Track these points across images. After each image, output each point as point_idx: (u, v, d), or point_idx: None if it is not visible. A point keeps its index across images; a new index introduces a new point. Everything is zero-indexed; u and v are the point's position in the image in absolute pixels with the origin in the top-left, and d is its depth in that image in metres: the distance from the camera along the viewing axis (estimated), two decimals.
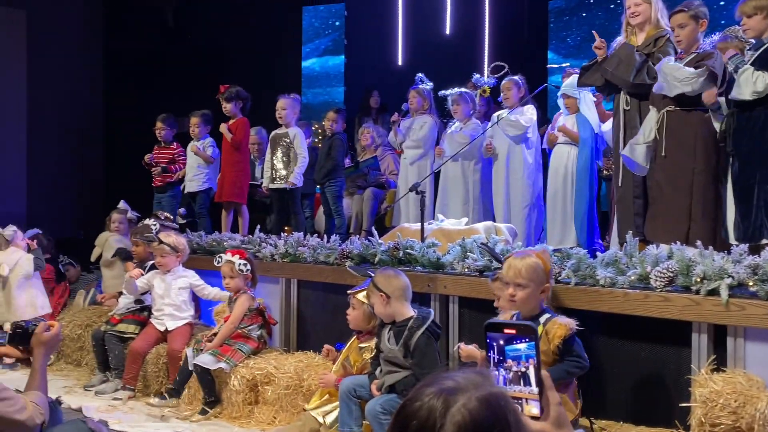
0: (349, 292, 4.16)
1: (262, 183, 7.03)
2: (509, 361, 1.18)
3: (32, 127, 10.61)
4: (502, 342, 1.19)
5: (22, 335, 2.89)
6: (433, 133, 6.78)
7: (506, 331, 1.19)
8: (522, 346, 1.17)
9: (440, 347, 4.03)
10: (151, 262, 5.55)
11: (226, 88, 6.74)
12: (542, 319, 3.25)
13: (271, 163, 6.62)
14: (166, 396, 4.88)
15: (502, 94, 6.45)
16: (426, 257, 4.40)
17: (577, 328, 3.17)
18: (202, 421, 4.58)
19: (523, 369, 1.17)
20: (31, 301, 6.03)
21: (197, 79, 9.22)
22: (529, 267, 3.22)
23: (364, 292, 3.98)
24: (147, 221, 5.96)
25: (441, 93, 6.80)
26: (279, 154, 6.58)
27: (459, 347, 3.48)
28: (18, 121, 10.52)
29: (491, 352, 1.20)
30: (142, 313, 5.58)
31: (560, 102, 6.16)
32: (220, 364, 4.67)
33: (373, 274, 3.91)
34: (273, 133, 6.73)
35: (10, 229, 6.20)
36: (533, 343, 1.18)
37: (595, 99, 6.06)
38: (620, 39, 4.70)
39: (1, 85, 10.29)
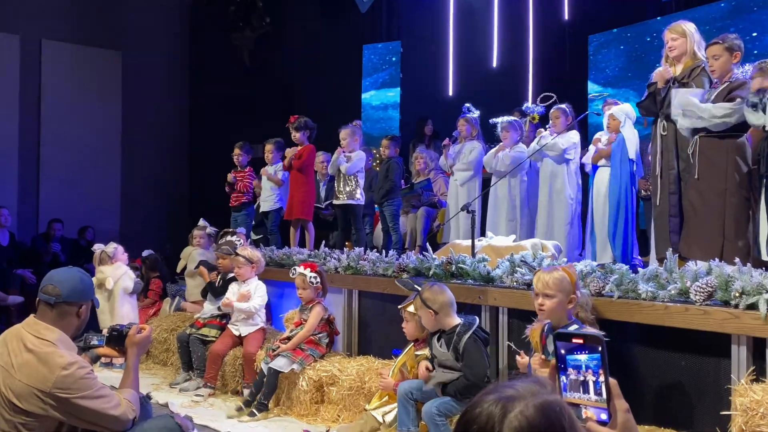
0: (400, 306, 4.12)
1: (325, 204, 7.09)
2: (570, 369, 1.15)
3: (126, 155, 10.97)
4: (563, 351, 1.16)
5: (117, 337, 2.95)
6: (480, 158, 6.74)
7: (574, 340, 1.16)
8: (583, 357, 1.14)
9: (491, 353, 3.98)
10: (232, 274, 5.63)
11: (295, 119, 6.82)
12: (570, 328, 3.17)
13: (336, 182, 6.73)
14: (255, 411, 4.65)
15: (550, 121, 6.38)
16: (477, 271, 4.37)
17: (606, 338, 3.06)
18: (250, 422, 4.53)
19: (582, 378, 1.14)
20: (129, 313, 6.20)
21: (270, 111, 9.44)
22: (556, 279, 3.21)
23: (413, 305, 3.94)
24: (231, 237, 6.05)
25: (491, 121, 6.77)
26: (341, 174, 6.67)
27: (518, 358, 3.44)
28: (114, 149, 10.88)
29: (558, 360, 1.17)
30: (222, 319, 5.65)
31: (604, 122, 6.05)
32: (293, 365, 4.69)
33: (419, 288, 3.86)
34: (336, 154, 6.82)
35: (112, 246, 6.35)
36: (597, 354, 1.14)
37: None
38: (660, 69, 4.61)
39: (101, 118, 10.69)
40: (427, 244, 5.87)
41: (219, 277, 5.80)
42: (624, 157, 5.69)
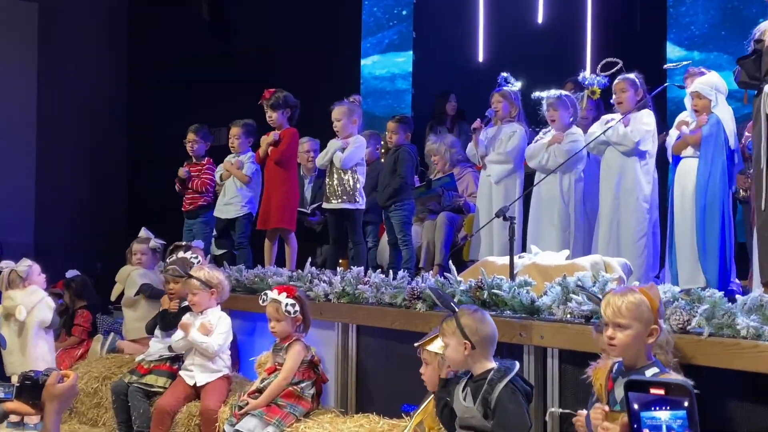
0: (417, 344, 4.12)
1: (311, 208, 7.15)
2: (645, 430, 1.13)
3: (42, 138, 10.86)
4: (637, 406, 1.14)
5: (31, 388, 2.89)
6: (522, 145, 6.78)
7: (653, 390, 1.14)
8: (664, 414, 1.11)
9: (534, 412, 3.96)
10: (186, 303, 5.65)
11: (271, 93, 6.83)
12: (648, 372, 3.19)
13: (328, 179, 6.75)
14: None
15: (614, 96, 6.33)
16: (517, 299, 4.38)
17: (694, 390, 3.03)
18: None
19: None
20: (47, 354, 6.15)
21: (237, 84, 9.43)
22: (631, 304, 3.19)
23: (437, 341, 3.93)
24: (184, 253, 6.08)
25: (535, 95, 6.79)
26: (334, 168, 6.69)
27: (574, 421, 3.40)
28: (26, 131, 10.79)
29: (631, 418, 1.15)
30: (174, 363, 5.66)
31: (687, 102, 6.04)
32: (267, 428, 4.68)
33: (456, 309, 3.86)
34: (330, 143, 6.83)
35: (24, 264, 6.29)
36: (684, 411, 1.12)
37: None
38: (765, 24, 4.59)
39: (7, 94, 10.57)
40: (450, 262, 5.76)
41: (178, 305, 5.82)
42: (719, 146, 5.67)
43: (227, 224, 7.33)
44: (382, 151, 7.87)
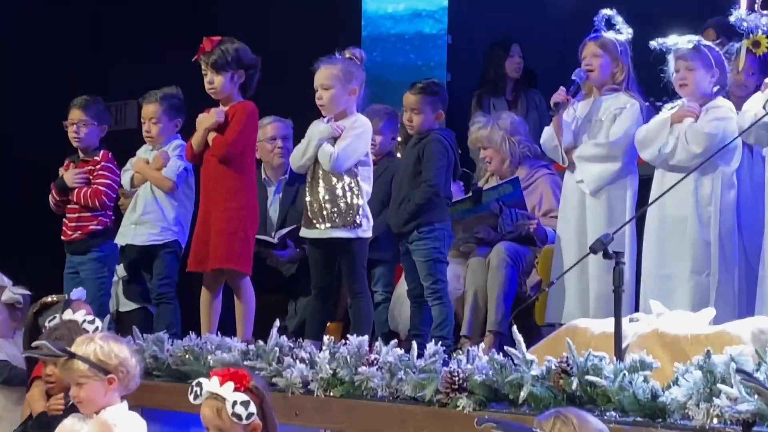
0: None
1: (278, 235, 7.31)
2: None
3: None
4: None
5: None
6: (636, 129, 6.87)
7: None
8: None
9: None
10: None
11: (214, 44, 6.94)
12: None
13: (309, 189, 6.77)
14: None
15: None
16: (629, 393, 4.44)
17: None
18: None
19: None
20: None
21: (157, 27, 9.60)
22: None
23: None
24: (65, 314, 6.06)
25: (655, 45, 6.80)
26: (320, 171, 6.73)
27: None
28: None
29: None
30: None
31: None
32: None
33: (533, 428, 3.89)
34: (311, 128, 6.86)
35: None
36: None
37: None
38: None
39: None
40: (513, 327, 5.45)
41: (62, 404, 5.87)
42: None
43: (138, 260, 7.43)
44: (399, 141, 7.91)
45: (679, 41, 6.74)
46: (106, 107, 7.90)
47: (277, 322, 6.12)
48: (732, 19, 6.95)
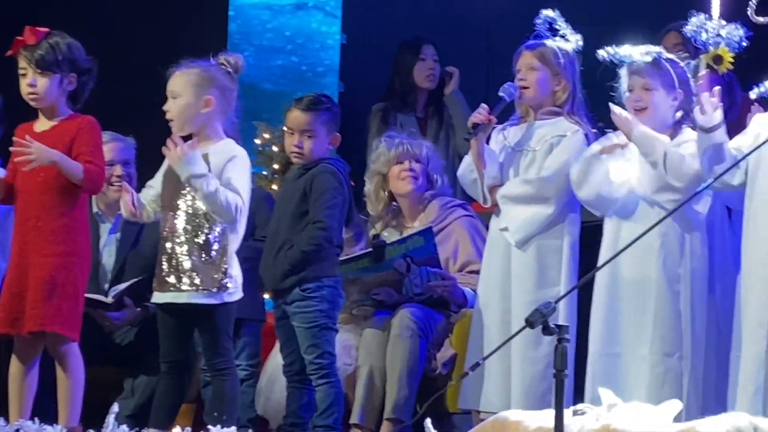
0: None
1: (114, 293, 6.98)
2: None
3: None
4: None
5: None
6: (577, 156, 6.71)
7: None
8: None
9: None
10: None
11: (39, 37, 6.38)
12: None
13: (164, 233, 6.32)
14: None
15: None
16: None
17: None
18: None
19: None
20: None
21: None
22: None
23: None
24: None
25: (607, 54, 6.61)
26: (182, 207, 6.23)
27: None
28: None
29: None
30: None
31: None
32: None
33: None
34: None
35: None
36: None
37: None
38: None
39: None
40: (425, 418, 5.35)
41: None
42: None
43: None
44: (276, 170, 8.13)
45: (633, 53, 6.64)
46: None
47: (116, 407, 5.60)
48: (688, 28, 6.90)
